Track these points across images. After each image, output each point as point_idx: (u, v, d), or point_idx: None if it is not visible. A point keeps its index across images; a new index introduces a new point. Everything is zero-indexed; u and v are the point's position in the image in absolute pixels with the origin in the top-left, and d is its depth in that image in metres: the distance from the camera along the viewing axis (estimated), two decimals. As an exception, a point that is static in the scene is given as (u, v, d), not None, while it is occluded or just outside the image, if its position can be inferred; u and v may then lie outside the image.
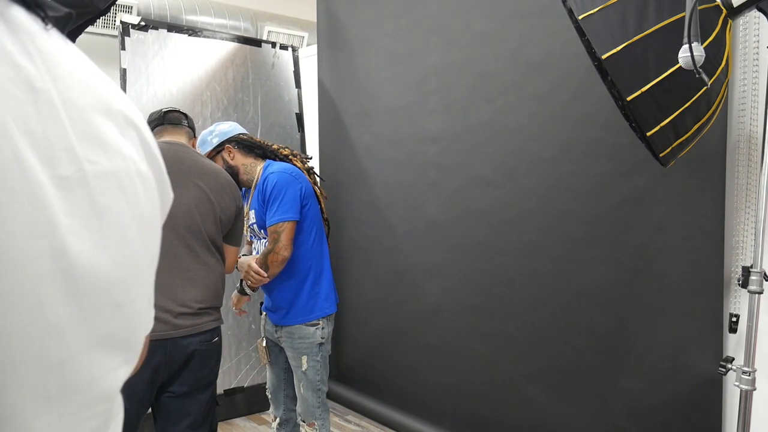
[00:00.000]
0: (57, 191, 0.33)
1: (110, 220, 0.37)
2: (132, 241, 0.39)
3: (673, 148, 1.40)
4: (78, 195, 0.34)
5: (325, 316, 2.20)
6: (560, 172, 2.30)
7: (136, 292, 0.40)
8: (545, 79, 2.32)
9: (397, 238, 2.97)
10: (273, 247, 2.09)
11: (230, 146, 2.25)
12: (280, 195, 2.10)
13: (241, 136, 2.28)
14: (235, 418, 3.25)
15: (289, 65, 3.58)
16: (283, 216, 2.09)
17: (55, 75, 0.35)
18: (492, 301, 2.56)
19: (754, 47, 1.85)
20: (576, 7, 1.36)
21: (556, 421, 2.37)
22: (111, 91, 0.40)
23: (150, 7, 3.49)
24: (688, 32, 1.15)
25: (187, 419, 1.82)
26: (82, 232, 0.34)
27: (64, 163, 0.33)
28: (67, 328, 0.34)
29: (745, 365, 1.67)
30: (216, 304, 1.90)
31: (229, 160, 2.25)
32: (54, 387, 0.33)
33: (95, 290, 0.36)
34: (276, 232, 2.09)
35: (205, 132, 2.31)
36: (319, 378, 2.20)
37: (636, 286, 2.12)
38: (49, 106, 0.34)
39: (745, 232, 1.90)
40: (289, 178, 2.15)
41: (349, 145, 3.21)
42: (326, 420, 2.26)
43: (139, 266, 0.41)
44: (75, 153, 0.34)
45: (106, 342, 0.37)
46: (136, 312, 0.40)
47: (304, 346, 2.16)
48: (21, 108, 0.31)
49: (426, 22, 2.77)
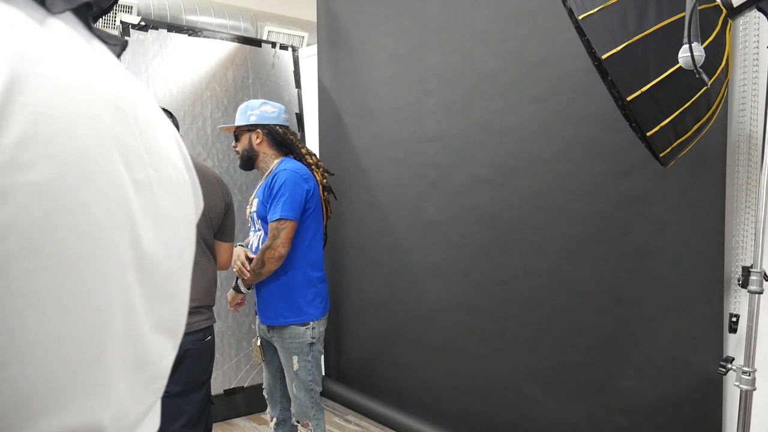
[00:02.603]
0: (134, 192, 0.39)
1: (167, 220, 0.43)
2: (181, 239, 0.45)
3: (673, 148, 1.40)
4: (146, 197, 0.41)
5: (315, 320, 2.20)
6: (560, 172, 2.30)
7: (184, 285, 0.46)
8: (545, 79, 2.32)
9: (397, 238, 2.97)
10: (271, 243, 2.09)
11: (262, 132, 2.24)
12: (286, 193, 2.10)
13: (278, 129, 2.26)
14: (235, 418, 3.25)
15: (289, 65, 3.58)
16: (285, 213, 2.09)
17: (125, 92, 0.41)
18: (492, 301, 2.56)
19: (754, 47, 1.85)
20: (576, 7, 1.36)
21: (556, 421, 2.37)
22: (155, 106, 0.46)
23: (150, 7, 3.49)
24: (688, 32, 1.15)
25: (183, 418, 1.83)
26: (150, 229, 0.41)
27: (138, 168, 0.40)
28: (140, 310, 0.40)
29: (745, 365, 1.67)
30: (209, 303, 1.91)
31: (254, 142, 2.24)
32: (131, 358, 0.40)
33: (158, 279, 0.42)
34: (277, 228, 2.09)
35: (250, 103, 2.28)
36: (311, 378, 2.20)
37: (636, 286, 2.12)
38: (126, 119, 0.39)
39: (745, 232, 1.90)
40: (299, 179, 2.15)
41: (349, 145, 3.21)
42: (321, 420, 2.26)
43: (186, 261, 0.47)
44: (144, 161, 0.40)
45: (162, 327, 0.43)
46: (183, 304, 0.46)
47: (294, 345, 2.16)
48: (112, 120, 0.37)
49: (426, 22, 2.76)
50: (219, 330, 3.20)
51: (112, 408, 0.38)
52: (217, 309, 3.18)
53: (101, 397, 0.37)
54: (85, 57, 0.38)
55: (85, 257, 0.35)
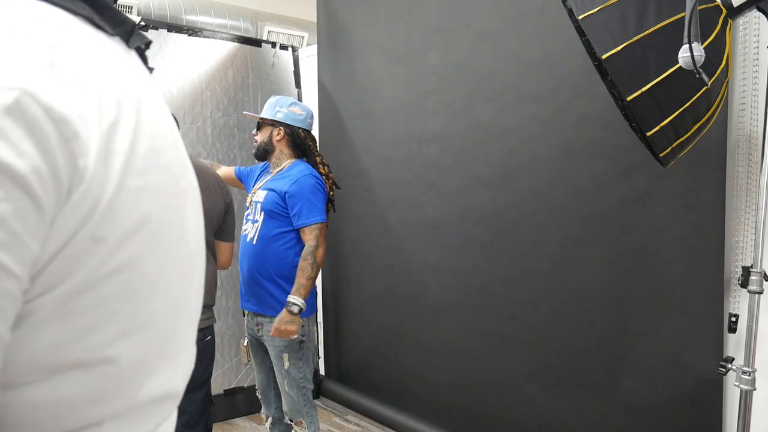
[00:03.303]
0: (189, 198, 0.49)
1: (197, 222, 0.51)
2: (202, 241, 0.53)
3: (673, 148, 1.40)
4: (193, 202, 0.50)
5: (304, 317, 2.21)
6: (560, 172, 2.30)
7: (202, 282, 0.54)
8: (545, 79, 2.32)
9: (397, 238, 2.97)
10: (316, 244, 2.17)
11: (284, 130, 2.29)
12: (318, 198, 2.22)
13: (300, 132, 2.31)
14: (235, 418, 3.25)
15: (289, 65, 3.57)
16: (324, 217, 2.22)
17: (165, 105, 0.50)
18: (492, 301, 2.56)
19: (754, 47, 1.85)
20: (576, 7, 1.36)
21: (556, 421, 2.37)
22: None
23: (150, 7, 3.48)
24: (688, 32, 1.15)
25: (183, 418, 1.84)
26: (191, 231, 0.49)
27: (184, 179, 0.48)
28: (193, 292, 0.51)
29: (745, 365, 1.67)
30: (209, 303, 1.93)
31: (275, 138, 2.30)
32: (192, 332, 0.51)
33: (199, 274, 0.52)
34: (318, 230, 2.19)
35: (281, 99, 2.34)
36: (302, 375, 2.21)
37: (636, 286, 2.11)
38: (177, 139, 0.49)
39: (745, 232, 1.90)
40: (322, 185, 2.27)
41: (349, 145, 3.21)
42: (314, 417, 2.27)
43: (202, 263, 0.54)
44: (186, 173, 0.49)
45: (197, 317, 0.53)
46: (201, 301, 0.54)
47: (285, 344, 2.18)
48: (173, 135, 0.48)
49: (426, 22, 2.76)
50: (219, 330, 3.20)
51: (183, 374, 0.49)
52: (217, 309, 3.18)
53: (179, 365, 0.47)
54: (148, 79, 0.48)
55: (180, 244, 0.45)
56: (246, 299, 2.27)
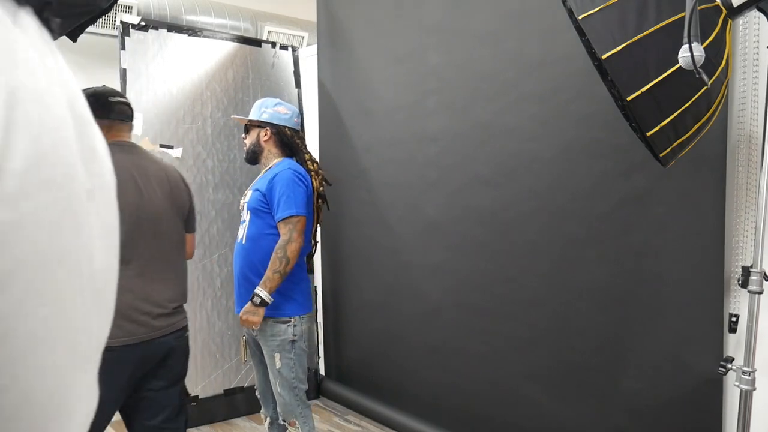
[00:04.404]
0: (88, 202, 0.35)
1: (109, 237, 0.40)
2: (115, 259, 0.41)
3: (673, 148, 1.40)
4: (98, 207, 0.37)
5: (296, 316, 2.21)
6: (560, 172, 2.30)
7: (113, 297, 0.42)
8: (545, 79, 2.32)
9: (397, 238, 2.97)
10: (289, 238, 2.15)
11: (271, 130, 2.31)
12: (289, 191, 2.18)
13: (286, 130, 2.32)
14: (235, 418, 3.25)
15: (289, 65, 3.58)
16: (298, 210, 2.18)
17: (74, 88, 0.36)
18: (492, 301, 2.56)
19: (754, 47, 1.85)
20: (576, 7, 1.36)
21: (556, 421, 2.37)
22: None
23: (150, 7, 3.49)
24: (688, 32, 1.15)
25: (164, 413, 1.90)
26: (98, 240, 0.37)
27: (88, 177, 0.35)
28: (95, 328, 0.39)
29: (745, 365, 1.67)
30: (185, 302, 1.98)
31: (262, 138, 2.32)
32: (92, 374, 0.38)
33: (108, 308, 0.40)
34: (291, 223, 2.16)
35: (266, 101, 2.35)
36: (294, 375, 2.21)
37: (636, 286, 2.11)
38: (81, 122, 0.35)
39: (745, 232, 1.90)
40: (297, 178, 2.23)
41: (349, 145, 3.21)
42: (308, 417, 2.27)
43: (115, 273, 0.42)
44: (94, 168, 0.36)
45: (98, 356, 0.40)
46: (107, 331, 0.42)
47: (276, 343, 2.18)
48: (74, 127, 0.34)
49: (426, 22, 2.76)
50: (219, 330, 3.20)
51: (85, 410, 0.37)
52: (217, 309, 3.18)
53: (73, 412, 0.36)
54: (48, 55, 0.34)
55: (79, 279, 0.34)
56: (239, 302, 2.27)
